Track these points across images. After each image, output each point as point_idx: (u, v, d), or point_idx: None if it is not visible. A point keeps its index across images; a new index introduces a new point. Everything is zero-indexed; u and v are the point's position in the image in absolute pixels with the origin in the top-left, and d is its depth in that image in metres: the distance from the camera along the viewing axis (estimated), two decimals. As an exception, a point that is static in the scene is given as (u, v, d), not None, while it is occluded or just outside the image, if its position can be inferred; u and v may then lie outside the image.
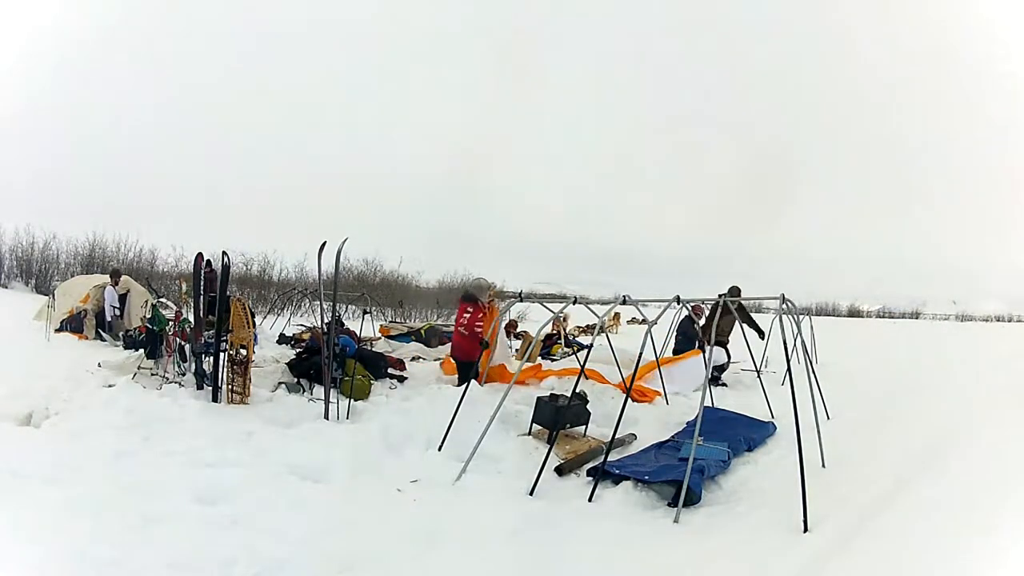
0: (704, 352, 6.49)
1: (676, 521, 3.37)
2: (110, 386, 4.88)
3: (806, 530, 3.13)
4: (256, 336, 6.90)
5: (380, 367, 6.51)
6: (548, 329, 9.24)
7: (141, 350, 6.31)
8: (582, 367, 4.84)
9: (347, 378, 5.24)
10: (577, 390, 4.56)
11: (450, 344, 7.07)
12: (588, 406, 5.07)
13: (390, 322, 14.64)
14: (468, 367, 5.76)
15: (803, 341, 5.52)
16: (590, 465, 4.24)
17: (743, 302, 7.95)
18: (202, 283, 5.19)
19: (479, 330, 6.26)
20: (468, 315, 6.45)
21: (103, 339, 9.02)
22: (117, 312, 9.50)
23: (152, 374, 5.36)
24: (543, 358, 8.85)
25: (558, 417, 4.58)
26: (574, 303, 5.32)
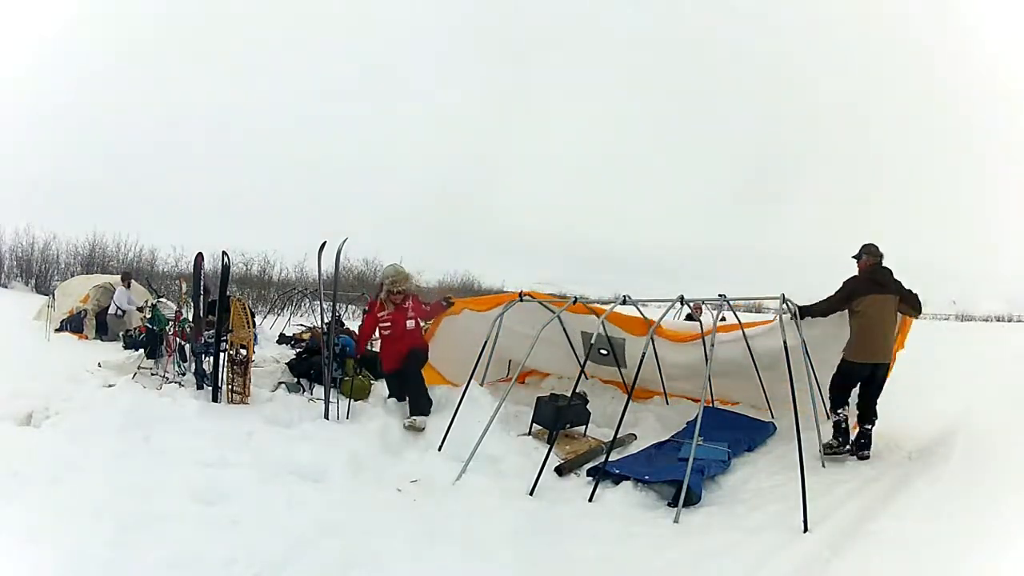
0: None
1: (676, 521, 3.37)
2: (110, 386, 4.87)
3: (806, 530, 3.13)
4: (256, 336, 6.90)
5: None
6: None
7: (141, 350, 6.33)
8: (582, 367, 4.85)
9: (347, 378, 5.24)
10: (577, 390, 4.56)
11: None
12: (588, 406, 5.07)
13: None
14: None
15: (803, 341, 5.52)
16: (590, 465, 4.24)
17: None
18: (202, 284, 5.19)
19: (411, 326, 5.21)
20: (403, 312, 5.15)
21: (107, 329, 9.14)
22: (120, 312, 9.51)
23: (152, 374, 5.36)
24: None
25: (558, 417, 4.58)
26: (574, 303, 5.32)
